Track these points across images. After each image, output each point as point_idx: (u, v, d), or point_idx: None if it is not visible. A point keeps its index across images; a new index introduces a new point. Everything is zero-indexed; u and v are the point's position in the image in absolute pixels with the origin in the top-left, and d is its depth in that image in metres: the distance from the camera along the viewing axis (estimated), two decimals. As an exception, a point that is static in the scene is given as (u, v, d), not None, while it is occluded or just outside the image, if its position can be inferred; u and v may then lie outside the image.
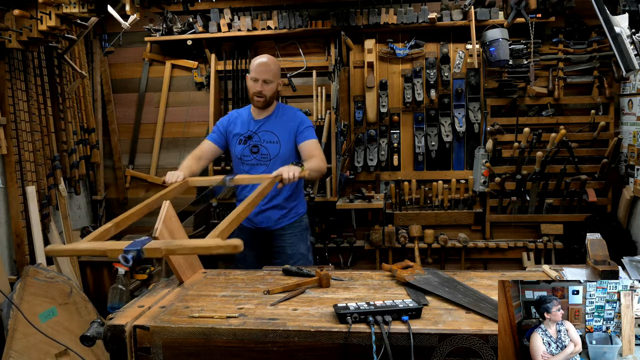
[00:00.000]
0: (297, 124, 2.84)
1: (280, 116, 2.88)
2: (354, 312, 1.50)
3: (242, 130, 2.88)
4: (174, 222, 1.98)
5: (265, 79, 2.77)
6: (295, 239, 2.91)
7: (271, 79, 2.79)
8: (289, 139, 2.83)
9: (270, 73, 2.79)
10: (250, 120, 2.89)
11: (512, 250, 3.85)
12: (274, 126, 2.85)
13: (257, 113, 2.89)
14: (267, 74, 2.78)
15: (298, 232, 2.93)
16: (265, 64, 2.79)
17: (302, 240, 2.94)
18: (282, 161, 2.76)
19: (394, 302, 1.56)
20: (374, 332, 1.44)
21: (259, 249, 2.92)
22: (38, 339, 2.97)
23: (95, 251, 1.68)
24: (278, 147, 2.82)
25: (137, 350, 1.54)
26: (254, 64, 2.80)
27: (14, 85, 3.27)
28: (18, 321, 2.93)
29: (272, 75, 2.79)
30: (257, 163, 2.83)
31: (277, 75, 2.83)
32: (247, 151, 2.84)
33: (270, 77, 2.79)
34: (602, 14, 2.28)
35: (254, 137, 2.85)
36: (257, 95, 2.79)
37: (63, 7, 2.95)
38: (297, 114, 2.91)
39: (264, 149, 2.83)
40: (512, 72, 3.74)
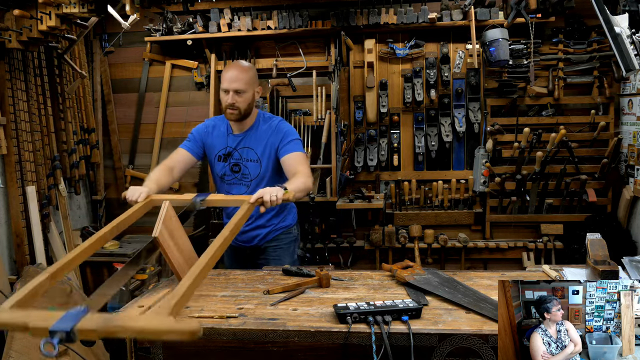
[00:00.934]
0: (279, 137, 2.50)
1: (261, 129, 2.54)
2: (354, 312, 1.50)
3: (220, 145, 2.56)
4: (174, 222, 1.98)
5: (237, 89, 2.42)
6: (281, 251, 2.65)
7: (243, 89, 2.44)
8: (271, 156, 2.50)
9: (242, 82, 2.44)
10: (229, 134, 2.55)
11: (512, 250, 3.85)
12: (254, 141, 2.52)
13: (236, 126, 2.55)
14: (238, 83, 2.43)
15: (284, 244, 2.67)
16: (235, 72, 2.45)
17: (287, 253, 2.68)
18: (265, 182, 2.48)
19: (394, 302, 1.56)
20: (374, 332, 1.44)
21: (243, 264, 2.67)
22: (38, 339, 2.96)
23: (15, 325, 1.30)
24: (259, 167, 2.51)
25: (137, 350, 1.54)
26: (224, 74, 2.47)
27: (14, 85, 3.27)
28: (18, 321, 2.92)
29: (244, 84, 2.44)
30: (238, 183, 2.55)
31: (250, 83, 2.48)
32: (227, 169, 2.55)
33: (241, 87, 2.43)
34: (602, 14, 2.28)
35: (233, 154, 2.54)
36: (229, 107, 2.44)
37: (63, 7, 2.95)
38: (281, 125, 2.55)
39: (245, 168, 2.53)
40: (512, 72, 3.74)
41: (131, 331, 1.27)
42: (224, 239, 1.68)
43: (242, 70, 2.47)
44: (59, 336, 1.24)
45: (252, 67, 2.56)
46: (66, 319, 1.25)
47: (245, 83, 2.45)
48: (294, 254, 2.73)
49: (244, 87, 2.44)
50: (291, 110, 3.96)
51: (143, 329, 1.28)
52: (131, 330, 1.27)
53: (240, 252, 2.65)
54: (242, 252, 2.65)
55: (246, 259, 2.67)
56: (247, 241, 2.62)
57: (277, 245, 2.64)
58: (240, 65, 2.52)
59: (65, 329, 1.24)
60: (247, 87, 2.45)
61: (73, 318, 1.26)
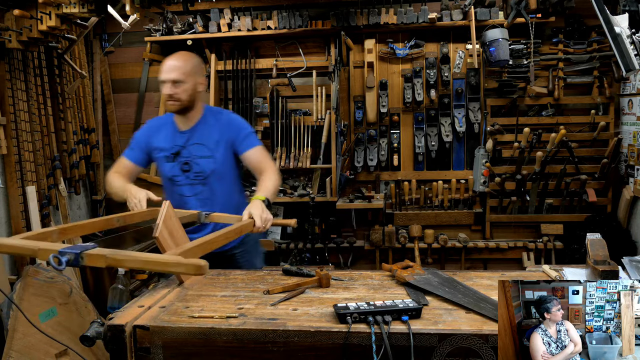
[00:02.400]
0: (234, 131, 2.41)
1: (210, 124, 2.43)
2: (354, 312, 1.50)
3: (167, 144, 2.41)
4: (174, 222, 1.98)
5: (175, 79, 2.30)
6: (249, 256, 2.56)
7: (181, 79, 2.31)
8: (225, 151, 2.40)
9: (179, 71, 2.31)
10: (175, 132, 2.42)
11: (512, 250, 3.85)
12: (204, 137, 2.40)
13: (182, 122, 2.41)
14: (175, 73, 2.30)
15: (250, 246, 2.57)
16: (172, 62, 2.33)
17: (255, 254, 2.60)
18: (220, 177, 2.41)
19: (394, 302, 1.56)
20: (374, 332, 1.44)
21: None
22: (38, 338, 2.97)
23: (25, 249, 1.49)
24: (212, 163, 2.39)
25: (137, 350, 1.54)
26: (162, 64, 2.35)
27: (14, 85, 3.27)
28: (18, 321, 2.93)
29: (181, 73, 2.31)
30: (191, 183, 2.40)
31: (190, 73, 2.34)
32: (177, 170, 2.39)
33: (179, 77, 2.31)
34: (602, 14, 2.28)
35: (182, 152, 2.39)
36: (168, 99, 2.33)
37: (63, 7, 2.95)
38: (233, 118, 2.48)
39: (197, 166, 2.38)
40: (512, 72, 3.75)
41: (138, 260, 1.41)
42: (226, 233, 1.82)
43: (181, 60, 2.35)
44: (68, 256, 1.38)
45: (193, 57, 2.41)
46: (75, 247, 1.40)
47: (184, 73, 2.32)
48: (260, 253, 2.66)
49: (182, 77, 2.31)
50: (291, 110, 3.96)
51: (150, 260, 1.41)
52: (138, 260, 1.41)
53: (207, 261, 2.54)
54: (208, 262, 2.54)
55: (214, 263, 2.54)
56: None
57: (244, 250, 2.53)
58: (179, 55, 2.38)
59: (74, 251, 1.38)
60: (185, 77, 2.32)
61: (82, 247, 1.40)
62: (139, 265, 1.46)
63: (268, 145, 3.97)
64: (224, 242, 1.88)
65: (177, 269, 1.32)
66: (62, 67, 3.73)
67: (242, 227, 2.05)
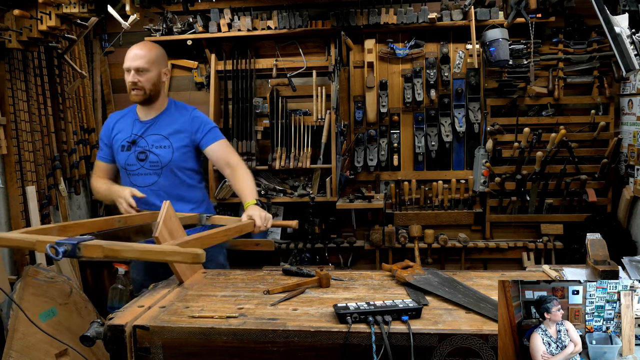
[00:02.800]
0: (196, 125, 2.43)
1: (172, 116, 2.45)
2: (354, 312, 1.50)
3: (125, 134, 2.42)
4: (174, 222, 1.98)
5: (138, 66, 2.32)
6: (213, 250, 2.38)
7: (145, 67, 2.33)
8: (184, 143, 2.41)
9: (143, 59, 2.32)
10: (135, 122, 2.43)
11: (512, 250, 3.85)
12: (165, 127, 2.41)
13: (144, 113, 2.43)
14: (139, 61, 2.32)
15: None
16: (136, 50, 2.35)
17: (219, 250, 2.56)
18: (175, 168, 2.40)
19: (394, 302, 1.56)
20: (374, 332, 1.44)
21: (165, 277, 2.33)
22: (38, 338, 2.97)
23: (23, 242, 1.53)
24: (170, 152, 2.39)
25: (137, 350, 1.54)
26: (127, 53, 2.37)
27: (14, 85, 3.27)
28: (18, 321, 2.93)
29: (145, 61, 2.33)
30: (145, 173, 2.39)
31: (154, 62, 2.36)
32: (132, 159, 2.39)
33: (143, 65, 2.32)
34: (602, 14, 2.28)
35: (139, 141, 2.39)
36: (132, 88, 2.34)
37: (63, 7, 2.95)
38: (195, 113, 2.50)
39: (153, 156, 2.37)
40: (512, 72, 3.75)
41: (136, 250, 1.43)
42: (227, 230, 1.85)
43: (145, 48, 2.37)
44: (65, 247, 1.41)
45: (157, 47, 2.42)
46: (73, 239, 1.43)
47: (148, 61, 2.33)
48: (224, 248, 2.63)
49: (146, 65, 2.33)
50: (291, 110, 3.96)
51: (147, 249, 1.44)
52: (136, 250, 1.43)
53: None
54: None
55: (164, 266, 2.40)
56: None
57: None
58: (143, 43, 2.41)
59: (71, 242, 1.42)
60: (149, 65, 2.34)
61: (79, 239, 1.43)
62: (137, 255, 1.49)
63: (268, 145, 3.97)
64: (224, 239, 1.92)
65: (175, 258, 1.34)
66: (62, 67, 3.73)
67: (242, 226, 2.07)
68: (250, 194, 2.33)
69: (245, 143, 3.91)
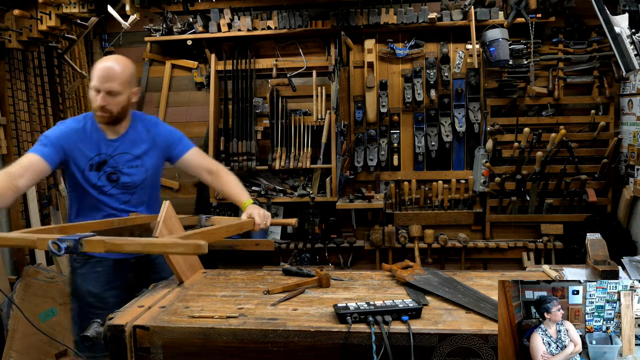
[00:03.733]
0: (166, 137, 2.30)
1: (139, 132, 2.26)
2: (353, 312, 1.50)
3: (91, 151, 2.17)
4: (174, 222, 1.98)
5: (110, 89, 2.06)
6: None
7: (118, 90, 2.08)
8: (156, 162, 2.29)
9: (117, 82, 2.07)
10: (102, 139, 2.18)
11: (512, 250, 3.85)
12: (134, 146, 2.23)
13: (109, 131, 2.20)
14: (112, 83, 2.06)
15: None
16: (109, 69, 2.07)
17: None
18: (150, 187, 2.30)
19: (394, 302, 1.56)
20: (374, 332, 1.44)
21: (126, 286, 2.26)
22: (38, 338, 2.97)
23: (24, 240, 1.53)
24: (143, 172, 2.24)
25: (137, 350, 1.54)
26: (95, 70, 2.08)
27: (14, 85, 3.27)
28: (18, 321, 2.93)
29: (119, 84, 2.07)
30: (117, 193, 2.22)
31: (127, 83, 2.12)
32: (103, 180, 2.19)
33: (116, 87, 2.07)
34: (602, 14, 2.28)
35: (109, 161, 2.18)
36: (99, 110, 2.10)
37: (63, 7, 2.95)
38: (161, 125, 2.35)
39: (126, 177, 2.21)
40: (512, 72, 3.74)
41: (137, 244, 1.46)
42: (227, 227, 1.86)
43: (119, 67, 2.09)
44: (67, 243, 1.42)
45: (129, 63, 2.16)
46: (74, 235, 1.44)
47: (121, 84, 2.08)
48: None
49: (119, 88, 2.08)
50: (291, 110, 3.96)
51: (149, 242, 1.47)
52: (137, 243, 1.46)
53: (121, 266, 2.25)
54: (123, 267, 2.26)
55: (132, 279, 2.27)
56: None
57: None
58: (115, 59, 2.12)
59: (73, 238, 1.42)
60: (122, 88, 2.09)
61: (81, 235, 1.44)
62: (138, 248, 1.50)
63: (268, 145, 3.97)
64: (225, 235, 1.92)
65: (176, 249, 1.35)
66: (62, 67, 3.73)
67: (242, 224, 2.09)
68: (244, 194, 2.31)
69: (245, 143, 3.91)
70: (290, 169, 3.88)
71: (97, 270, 2.21)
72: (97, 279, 2.20)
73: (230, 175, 2.38)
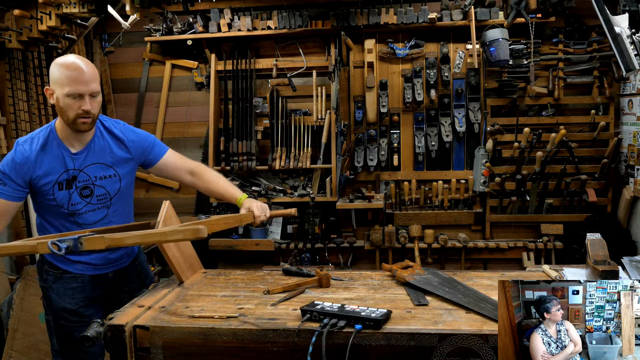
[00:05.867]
0: (139, 143, 2.15)
1: (106, 139, 2.09)
2: (314, 311, 1.53)
3: (57, 170, 2.00)
4: (174, 222, 1.98)
5: (94, 91, 1.94)
6: (145, 264, 2.34)
7: (98, 90, 1.97)
8: (129, 169, 2.14)
9: (96, 82, 1.96)
10: (66, 154, 2.01)
11: (512, 250, 3.85)
12: (103, 154, 2.07)
13: (74, 142, 2.02)
14: (94, 84, 1.95)
15: (143, 256, 2.35)
16: (83, 70, 1.92)
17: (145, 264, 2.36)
18: (125, 196, 2.16)
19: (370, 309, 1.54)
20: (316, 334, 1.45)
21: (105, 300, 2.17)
22: (38, 338, 2.97)
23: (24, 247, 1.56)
24: (117, 182, 2.10)
25: (137, 350, 1.54)
26: (66, 72, 1.90)
27: (14, 85, 3.27)
28: (18, 321, 2.93)
29: (97, 84, 1.97)
30: (93, 209, 2.07)
31: (99, 80, 2.01)
32: (75, 197, 2.03)
33: (97, 88, 1.96)
34: (602, 14, 2.28)
35: (79, 176, 2.02)
36: (82, 116, 1.93)
37: (63, 7, 2.96)
38: (130, 129, 2.17)
39: (100, 189, 2.06)
40: (512, 72, 3.74)
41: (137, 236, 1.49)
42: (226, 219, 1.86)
43: (88, 65, 1.96)
44: (67, 243, 1.48)
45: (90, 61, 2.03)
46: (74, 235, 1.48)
47: (98, 83, 1.98)
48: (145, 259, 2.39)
49: (98, 87, 1.97)
50: (291, 110, 3.96)
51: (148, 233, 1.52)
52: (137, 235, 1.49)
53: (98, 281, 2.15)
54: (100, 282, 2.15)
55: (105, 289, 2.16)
56: (112, 262, 2.16)
57: (141, 259, 2.29)
58: (83, 59, 1.98)
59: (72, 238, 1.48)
60: (98, 87, 1.99)
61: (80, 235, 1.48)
62: (139, 240, 1.53)
63: (268, 145, 3.97)
64: (223, 227, 1.91)
65: (176, 236, 1.38)
66: (62, 67, 3.73)
67: (241, 216, 2.08)
68: (235, 190, 2.21)
69: (245, 143, 3.91)
70: (290, 169, 3.88)
71: (73, 287, 2.09)
72: (73, 296, 2.09)
73: (214, 172, 2.28)
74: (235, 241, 3.95)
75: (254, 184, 4.00)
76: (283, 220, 4.02)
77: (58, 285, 2.09)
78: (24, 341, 2.91)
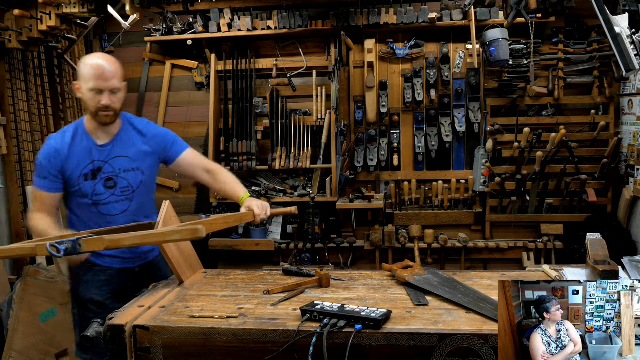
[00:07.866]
0: (161, 139, 2.25)
1: (131, 133, 2.21)
2: (314, 311, 1.53)
3: (84, 161, 2.12)
4: (174, 222, 1.98)
5: (114, 87, 2.06)
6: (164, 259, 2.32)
7: (119, 86, 2.08)
8: (152, 161, 2.24)
9: (117, 78, 2.07)
10: (93, 146, 2.13)
11: (512, 250, 3.85)
12: (128, 148, 2.18)
13: (101, 135, 2.15)
14: (114, 80, 2.06)
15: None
16: (105, 67, 2.04)
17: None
18: (147, 190, 2.25)
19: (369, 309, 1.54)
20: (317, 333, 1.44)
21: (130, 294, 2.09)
22: (38, 338, 2.97)
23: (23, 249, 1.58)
24: (140, 175, 2.19)
25: (137, 350, 1.54)
26: (90, 70, 2.04)
27: (14, 85, 3.27)
28: (18, 321, 2.93)
29: (119, 80, 2.09)
30: (116, 200, 2.16)
31: (122, 78, 2.12)
32: (100, 188, 2.13)
33: (117, 84, 2.07)
34: (602, 14, 2.28)
35: (104, 167, 2.13)
36: (103, 110, 2.06)
37: (63, 7, 2.96)
38: (154, 126, 2.30)
39: (123, 181, 2.16)
40: (512, 72, 3.74)
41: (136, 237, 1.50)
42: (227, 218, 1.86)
43: (112, 63, 2.08)
44: (66, 245, 1.49)
45: (116, 59, 2.14)
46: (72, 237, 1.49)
47: (119, 79, 2.09)
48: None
49: (119, 84, 2.09)
50: (291, 110, 3.96)
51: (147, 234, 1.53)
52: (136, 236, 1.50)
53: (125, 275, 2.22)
54: (126, 275, 2.22)
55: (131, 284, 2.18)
56: (140, 256, 2.24)
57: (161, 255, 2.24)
58: (106, 57, 2.10)
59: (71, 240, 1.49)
60: (121, 84, 2.10)
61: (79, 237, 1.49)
62: (138, 240, 1.54)
63: (268, 145, 3.97)
64: (224, 227, 1.94)
65: (174, 237, 1.40)
66: (62, 67, 3.73)
67: (242, 215, 2.10)
68: (241, 189, 2.29)
69: (245, 143, 3.91)
70: (290, 169, 3.88)
71: (101, 279, 2.17)
72: (100, 287, 2.17)
73: (228, 172, 2.35)
74: (235, 241, 3.95)
75: (254, 184, 4.00)
76: (283, 220, 4.03)
77: (88, 278, 2.17)
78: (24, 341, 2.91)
